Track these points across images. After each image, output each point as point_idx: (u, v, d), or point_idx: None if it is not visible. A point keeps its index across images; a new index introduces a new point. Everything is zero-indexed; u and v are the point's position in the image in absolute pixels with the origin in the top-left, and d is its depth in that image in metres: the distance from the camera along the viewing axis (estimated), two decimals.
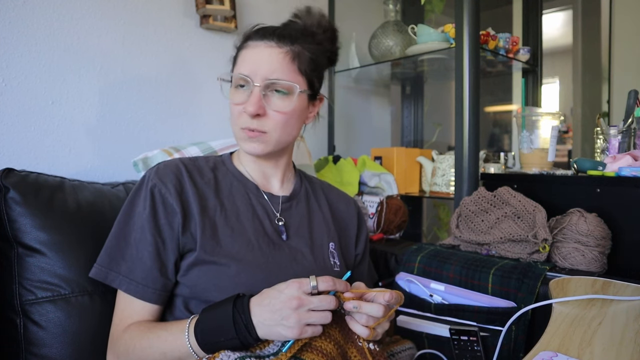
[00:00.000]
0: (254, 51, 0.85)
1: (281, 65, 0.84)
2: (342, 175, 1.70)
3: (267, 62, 0.83)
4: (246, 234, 0.84)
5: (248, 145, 0.86)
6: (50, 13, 1.20)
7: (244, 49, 0.87)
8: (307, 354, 0.70)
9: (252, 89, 0.83)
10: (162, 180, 0.83)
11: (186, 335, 0.73)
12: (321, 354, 0.70)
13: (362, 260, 1.04)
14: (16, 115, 1.16)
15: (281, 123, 0.86)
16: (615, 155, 1.13)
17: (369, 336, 0.73)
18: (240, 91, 0.85)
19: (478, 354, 0.96)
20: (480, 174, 1.36)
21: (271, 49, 0.84)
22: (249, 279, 0.80)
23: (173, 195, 0.82)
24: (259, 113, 0.83)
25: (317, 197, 1.00)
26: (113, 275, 0.80)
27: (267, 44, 0.85)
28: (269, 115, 0.84)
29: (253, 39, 0.86)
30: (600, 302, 0.80)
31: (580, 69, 2.44)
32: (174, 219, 0.81)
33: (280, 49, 0.84)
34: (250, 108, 0.82)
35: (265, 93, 0.84)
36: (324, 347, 0.71)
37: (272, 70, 0.83)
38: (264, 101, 0.83)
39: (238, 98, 0.85)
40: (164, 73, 1.44)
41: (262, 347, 0.73)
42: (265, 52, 0.84)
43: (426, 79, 2.13)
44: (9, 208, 0.90)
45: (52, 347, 0.87)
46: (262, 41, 0.85)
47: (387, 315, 0.74)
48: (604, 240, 1.02)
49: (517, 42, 1.72)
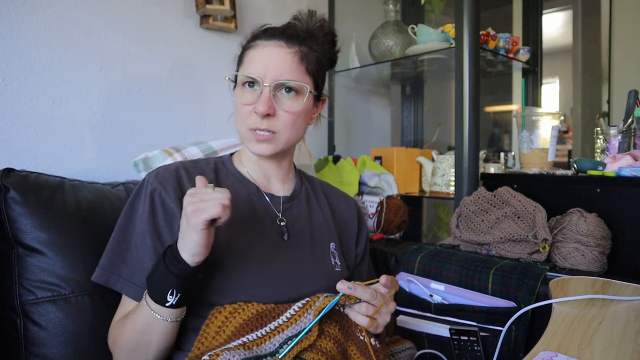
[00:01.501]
0: (263, 51, 0.84)
1: (290, 65, 0.84)
2: (342, 175, 1.70)
3: (277, 62, 0.83)
4: (247, 235, 0.84)
5: (256, 146, 0.86)
6: (50, 13, 1.20)
7: (252, 48, 0.86)
8: (307, 353, 0.70)
9: (262, 89, 0.83)
10: (162, 184, 0.83)
11: (144, 299, 0.74)
12: (321, 352, 0.70)
13: (362, 260, 1.04)
14: (16, 115, 1.16)
15: (290, 123, 0.86)
16: (615, 155, 1.13)
17: (370, 325, 0.73)
18: (249, 91, 0.85)
19: (478, 354, 0.96)
20: (480, 174, 1.36)
21: (280, 49, 0.84)
22: (250, 280, 0.79)
23: (173, 198, 0.82)
24: (269, 113, 0.83)
25: (318, 197, 1.00)
26: (114, 278, 0.80)
27: (277, 43, 0.84)
28: (279, 115, 0.84)
29: (261, 38, 0.86)
30: (600, 302, 0.80)
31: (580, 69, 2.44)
32: (174, 222, 0.81)
33: (289, 49, 0.84)
34: (261, 108, 0.82)
35: (274, 93, 0.83)
36: (323, 345, 0.71)
37: (282, 70, 0.83)
38: (273, 101, 0.83)
39: (247, 98, 0.85)
40: (164, 73, 1.44)
41: (259, 344, 0.71)
42: (274, 51, 0.84)
43: (426, 79, 2.13)
44: (9, 208, 0.90)
45: (52, 347, 0.87)
46: (271, 41, 0.85)
47: (385, 300, 0.75)
48: (604, 240, 1.02)
49: (517, 42, 1.72)
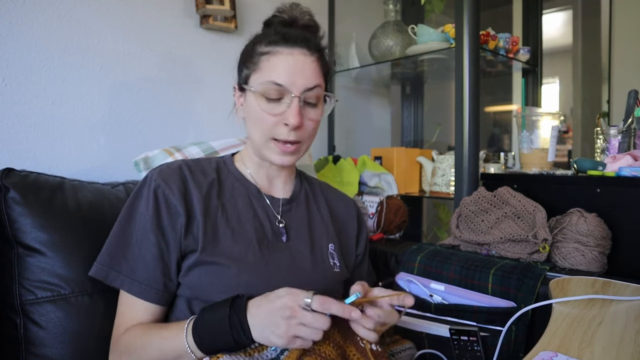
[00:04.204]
0: (288, 59, 0.81)
1: (314, 73, 0.83)
2: (342, 175, 1.70)
3: (302, 71, 0.81)
4: (247, 235, 0.84)
5: (279, 158, 0.85)
6: (50, 13, 1.20)
7: (273, 54, 0.82)
8: (307, 358, 0.70)
9: (291, 100, 0.81)
10: (165, 181, 0.82)
11: (184, 334, 0.73)
12: (320, 357, 0.70)
13: (362, 260, 1.04)
14: (16, 115, 1.16)
15: (313, 131, 0.86)
16: (615, 155, 1.13)
17: (375, 340, 0.73)
18: (274, 100, 0.82)
19: (478, 354, 0.96)
20: (480, 174, 1.36)
21: (305, 57, 0.82)
22: (250, 280, 0.80)
23: (177, 196, 0.81)
24: (300, 125, 0.82)
25: (317, 199, 1.00)
26: (114, 274, 0.80)
27: (300, 51, 0.82)
28: (305, 124, 0.84)
29: (281, 44, 0.82)
30: (600, 302, 0.80)
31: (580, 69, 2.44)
32: (177, 220, 0.81)
33: (312, 57, 0.83)
34: (293, 120, 0.80)
35: (301, 103, 0.82)
36: (322, 349, 0.71)
37: (309, 79, 0.81)
38: (302, 111, 0.82)
39: (276, 109, 0.82)
40: (164, 73, 1.44)
41: (261, 351, 0.72)
42: (300, 59, 0.82)
43: (426, 79, 2.13)
44: (9, 208, 0.90)
45: (52, 347, 0.87)
46: (294, 48, 0.82)
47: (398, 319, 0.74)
48: (604, 240, 1.02)
49: (517, 42, 1.72)
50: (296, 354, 0.69)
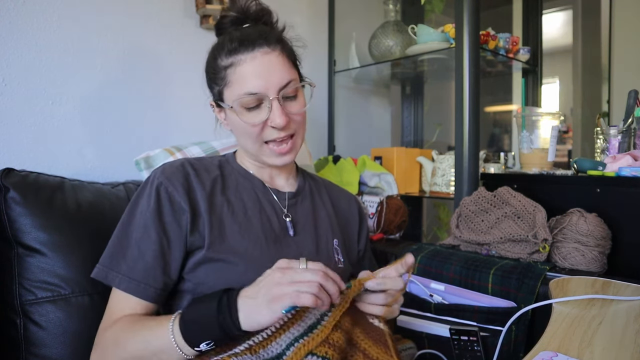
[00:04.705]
0: (253, 64, 0.80)
1: (283, 68, 0.82)
2: (342, 175, 1.70)
3: (272, 71, 0.80)
4: (254, 230, 0.84)
5: (278, 159, 0.85)
6: (50, 13, 1.20)
7: (237, 65, 0.80)
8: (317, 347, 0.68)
9: (270, 103, 0.80)
10: (169, 179, 0.82)
11: (171, 323, 0.70)
12: (328, 345, 0.69)
13: (364, 255, 1.05)
14: (16, 115, 1.16)
15: (303, 120, 0.86)
16: (615, 155, 1.13)
17: (386, 312, 0.73)
18: (254, 109, 0.82)
19: (478, 354, 0.96)
20: (480, 174, 1.36)
21: (269, 55, 0.81)
22: (257, 276, 0.79)
23: (181, 193, 0.81)
24: (286, 122, 0.82)
25: (321, 194, 1.00)
26: (113, 275, 0.79)
27: (262, 50, 0.80)
28: (292, 119, 0.84)
29: (242, 51, 0.80)
30: (600, 302, 0.80)
31: (580, 69, 2.44)
32: (182, 217, 0.80)
33: (275, 51, 0.82)
34: (279, 121, 0.80)
35: (281, 102, 0.82)
36: (331, 337, 0.70)
37: (281, 77, 0.81)
38: (285, 108, 0.82)
39: (258, 116, 0.82)
40: (164, 73, 1.44)
41: (265, 345, 0.71)
42: (265, 60, 0.80)
43: (426, 79, 2.13)
44: (9, 208, 0.90)
45: (52, 348, 0.87)
46: (255, 50, 0.80)
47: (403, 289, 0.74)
48: (604, 240, 1.02)
49: (517, 42, 1.72)
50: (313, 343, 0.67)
